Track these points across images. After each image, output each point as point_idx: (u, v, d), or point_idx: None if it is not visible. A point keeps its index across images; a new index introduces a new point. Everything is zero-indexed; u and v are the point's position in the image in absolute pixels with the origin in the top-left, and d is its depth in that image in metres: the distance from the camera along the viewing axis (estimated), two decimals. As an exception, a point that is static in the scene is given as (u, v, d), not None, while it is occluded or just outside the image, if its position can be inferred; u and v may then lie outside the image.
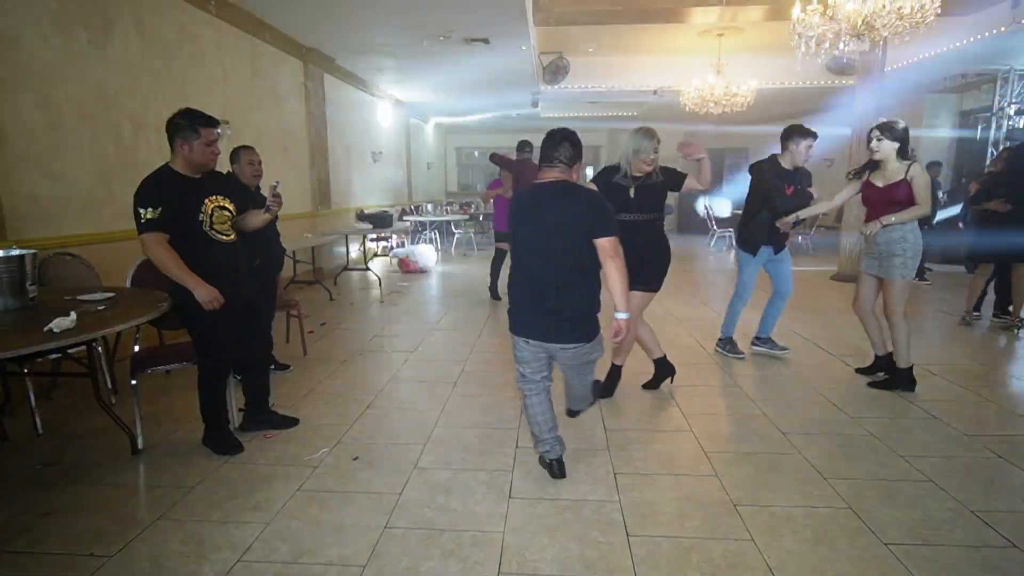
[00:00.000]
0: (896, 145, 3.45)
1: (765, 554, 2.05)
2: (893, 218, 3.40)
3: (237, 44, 6.02)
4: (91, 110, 4.11)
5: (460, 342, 4.82)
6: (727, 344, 4.43)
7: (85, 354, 2.82)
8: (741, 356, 4.34)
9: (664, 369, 3.66)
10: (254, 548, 2.09)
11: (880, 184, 3.51)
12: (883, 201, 3.48)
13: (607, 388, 3.50)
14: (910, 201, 3.40)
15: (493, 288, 6.53)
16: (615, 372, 3.56)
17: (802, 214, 3.96)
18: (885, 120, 3.54)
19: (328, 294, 6.74)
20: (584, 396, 2.71)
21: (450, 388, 3.73)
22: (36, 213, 3.71)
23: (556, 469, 2.58)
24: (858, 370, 3.97)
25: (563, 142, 2.39)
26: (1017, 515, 2.28)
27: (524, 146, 6.31)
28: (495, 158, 6.49)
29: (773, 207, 3.96)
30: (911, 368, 3.62)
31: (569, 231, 2.33)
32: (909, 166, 3.43)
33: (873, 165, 3.57)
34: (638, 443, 2.94)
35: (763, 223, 4.02)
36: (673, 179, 3.32)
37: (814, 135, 3.95)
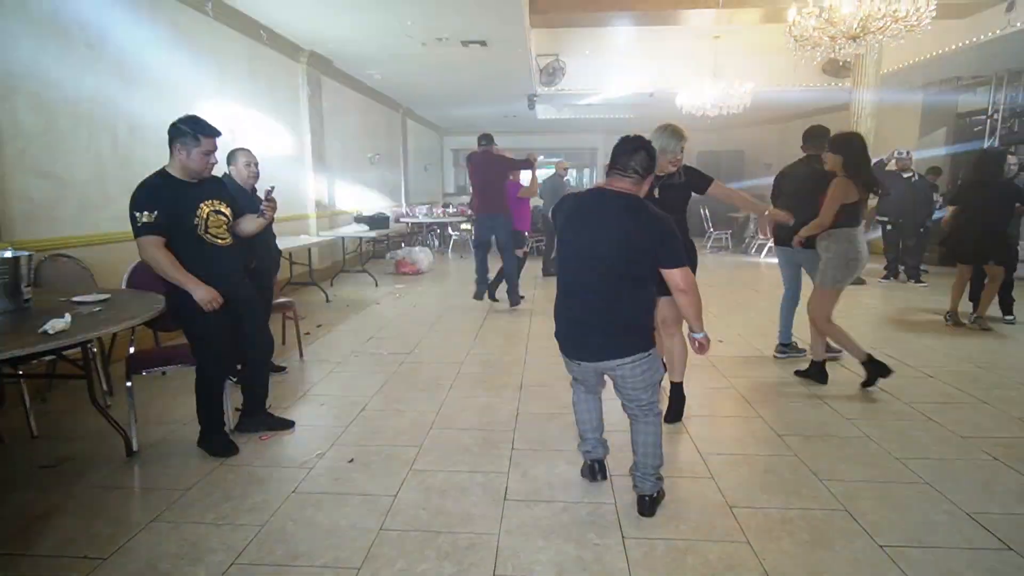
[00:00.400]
0: (840, 159, 3.54)
1: (761, 556, 2.05)
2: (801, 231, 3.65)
3: (234, 46, 6.02)
4: (87, 112, 4.10)
5: (456, 344, 4.81)
6: (785, 348, 4.38)
7: (80, 356, 2.82)
8: (801, 353, 4.28)
9: (678, 397, 3.28)
10: (249, 550, 2.09)
11: None
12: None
13: (674, 411, 3.21)
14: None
15: (512, 293, 6.14)
16: (676, 392, 3.24)
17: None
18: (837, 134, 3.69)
19: (324, 296, 6.73)
20: (648, 451, 2.32)
21: (446, 390, 3.73)
22: (31, 215, 3.70)
23: (593, 472, 2.53)
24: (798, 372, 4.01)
25: (639, 151, 2.19)
26: (1012, 518, 2.28)
27: (481, 139, 6.08)
28: (504, 161, 6.06)
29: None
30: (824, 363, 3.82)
31: (632, 252, 2.16)
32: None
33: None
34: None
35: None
36: (697, 181, 3.12)
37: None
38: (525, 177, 6.66)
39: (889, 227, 7.68)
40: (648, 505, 2.31)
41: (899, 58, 8.18)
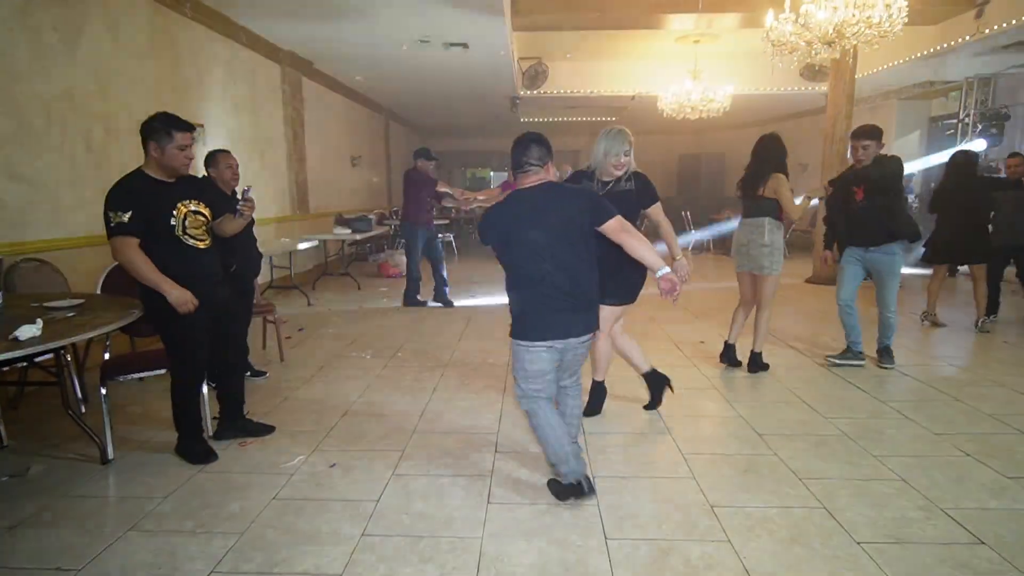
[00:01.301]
0: None
1: (741, 555, 2.07)
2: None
3: (213, 47, 5.95)
4: (60, 113, 4.02)
5: (439, 347, 4.80)
6: (846, 355, 4.25)
7: (53, 362, 2.76)
8: (861, 363, 4.20)
9: (657, 381, 3.39)
10: (228, 559, 2.05)
11: None
12: None
13: (593, 406, 3.32)
14: None
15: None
16: (598, 389, 3.36)
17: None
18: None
19: (306, 299, 6.67)
20: (578, 416, 2.66)
21: (429, 393, 3.71)
22: (2, 217, 3.61)
23: (586, 487, 2.39)
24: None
25: (531, 145, 2.40)
26: (985, 512, 2.33)
27: (419, 154, 6.40)
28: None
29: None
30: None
31: (575, 227, 2.35)
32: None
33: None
34: (616, 446, 2.96)
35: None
36: (645, 193, 3.06)
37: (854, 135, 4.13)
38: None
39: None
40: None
41: (874, 63, 8.34)
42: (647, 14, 6.88)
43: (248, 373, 3.72)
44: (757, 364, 4.11)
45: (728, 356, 4.27)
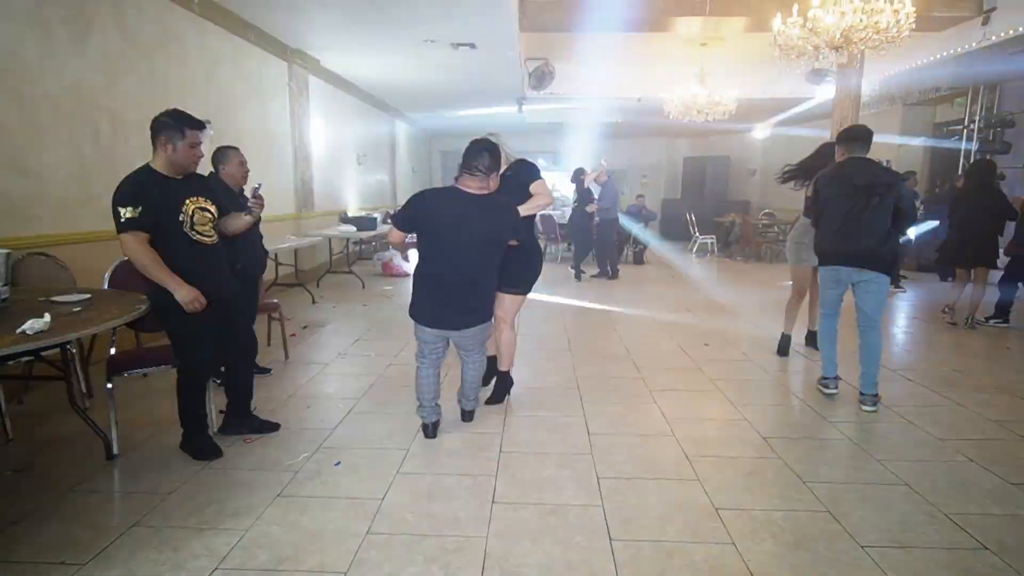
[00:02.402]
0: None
1: (746, 558, 2.07)
2: None
3: (221, 44, 5.96)
4: (69, 108, 4.03)
5: (443, 346, 4.79)
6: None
7: (59, 357, 2.76)
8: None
9: (504, 382, 3.56)
10: (232, 555, 2.06)
11: None
12: None
13: (497, 396, 3.51)
14: None
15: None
16: (503, 378, 3.54)
17: None
18: None
19: (311, 297, 6.68)
20: (475, 383, 3.17)
21: (433, 392, 3.71)
22: (9, 212, 3.63)
23: (430, 431, 3.02)
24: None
25: (483, 152, 2.71)
26: (989, 518, 2.33)
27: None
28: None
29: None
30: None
31: (489, 245, 2.78)
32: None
33: None
34: (621, 448, 2.96)
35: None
36: (526, 173, 3.32)
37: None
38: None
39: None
40: (468, 415, 3.23)
41: (880, 68, 8.33)
42: (654, 16, 6.88)
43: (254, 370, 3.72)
44: (815, 340, 4.30)
45: (784, 347, 4.56)
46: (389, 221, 2.60)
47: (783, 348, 4.58)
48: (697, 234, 11.89)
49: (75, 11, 4.07)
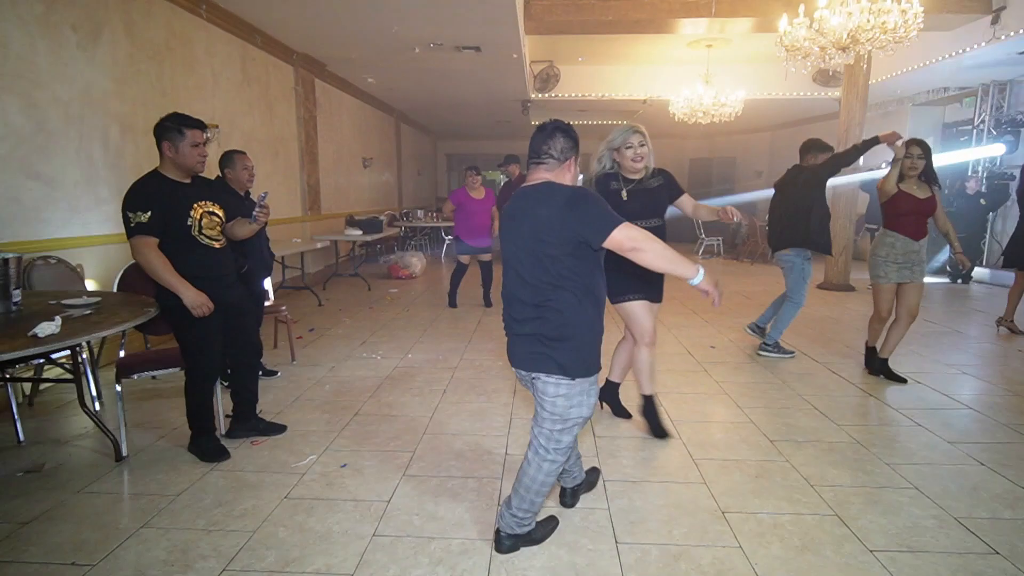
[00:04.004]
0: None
1: (752, 561, 2.06)
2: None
3: (228, 48, 6.01)
4: (78, 113, 4.07)
5: (449, 348, 4.81)
6: (776, 347, 4.58)
7: (69, 359, 2.79)
8: (791, 354, 4.56)
9: (649, 410, 3.13)
10: (240, 557, 2.07)
11: (921, 196, 3.82)
12: (925, 213, 3.84)
13: (656, 427, 3.07)
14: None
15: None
16: (650, 404, 3.10)
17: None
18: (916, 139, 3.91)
19: (317, 300, 6.71)
20: (531, 488, 2.03)
21: (439, 395, 3.72)
22: (20, 216, 3.67)
23: (567, 499, 2.39)
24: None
25: (555, 133, 2.02)
26: (999, 522, 2.31)
27: (514, 160, 6.48)
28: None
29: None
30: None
31: (544, 243, 1.89)
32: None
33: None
34: (627, 450, 2.95)
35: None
36: (672, 187, 2.98)
37: (830, 148, 4.41)
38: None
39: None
40: (503, 542, 2.09)
41: (888, 68, 8.29)
42: (659, 18, 6.88)
43: (260, 373, 3.74)
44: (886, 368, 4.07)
45: (869, 360, 4.24)
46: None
47: (868, 361, 4.22)
48: (703, 235, 11.85)
49: (85, 17, 4.11)
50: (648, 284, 2.93)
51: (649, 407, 3.14)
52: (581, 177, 2.43)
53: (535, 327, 1.95)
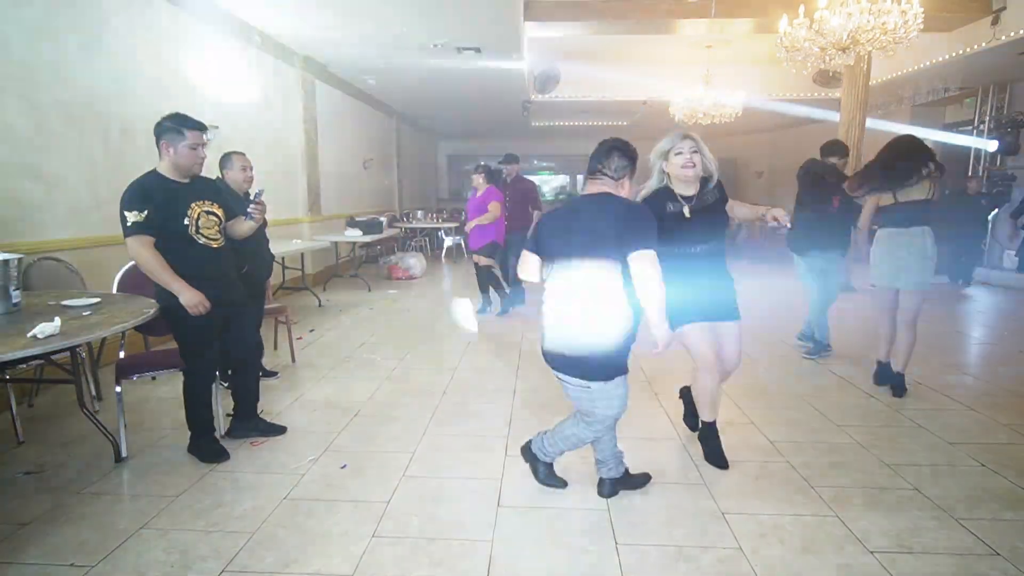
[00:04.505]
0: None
1: (753, 562, 2.05)
2: None
3: (230, 50, 6.01)
4: (79, 114, 4.08)
5: (450, 349, 4.81)
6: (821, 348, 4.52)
7: (69, 360, 2.79)
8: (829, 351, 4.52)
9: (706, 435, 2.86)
10: (240, 558, 2.07)
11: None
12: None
13: (713, 451, 2.79)
14: None
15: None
16: (708, 430, 2.83)
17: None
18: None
19: (317, 300, 6.71)
20: (559, 434, 2.40)
21: (439, 396, 3.72)
22: (21, 217, 3.67)
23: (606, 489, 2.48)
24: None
25: (611, 152, 2.11)
26: (1000, 523, 2.31)
27: (513, 159, 6.39)
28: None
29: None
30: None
31: (596, 248, 2.05)
32: None
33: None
34: (627, 451, 2.92)
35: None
36: (726, 195, 2.72)
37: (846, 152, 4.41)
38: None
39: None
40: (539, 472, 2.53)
41: (888, 69, 8.29)
42: (659, 19, 6.88)
43: (260, 373, 3.74)
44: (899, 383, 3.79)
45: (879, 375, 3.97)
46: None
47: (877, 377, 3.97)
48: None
49: (85, 18, 4.12)
50: (700, 304, 2.60)
51: (706, 433, 2.85)
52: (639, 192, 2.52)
53: (569, 333, 2.15)
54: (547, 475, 2.54)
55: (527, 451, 2.59)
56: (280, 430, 3.11)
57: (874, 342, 4.05)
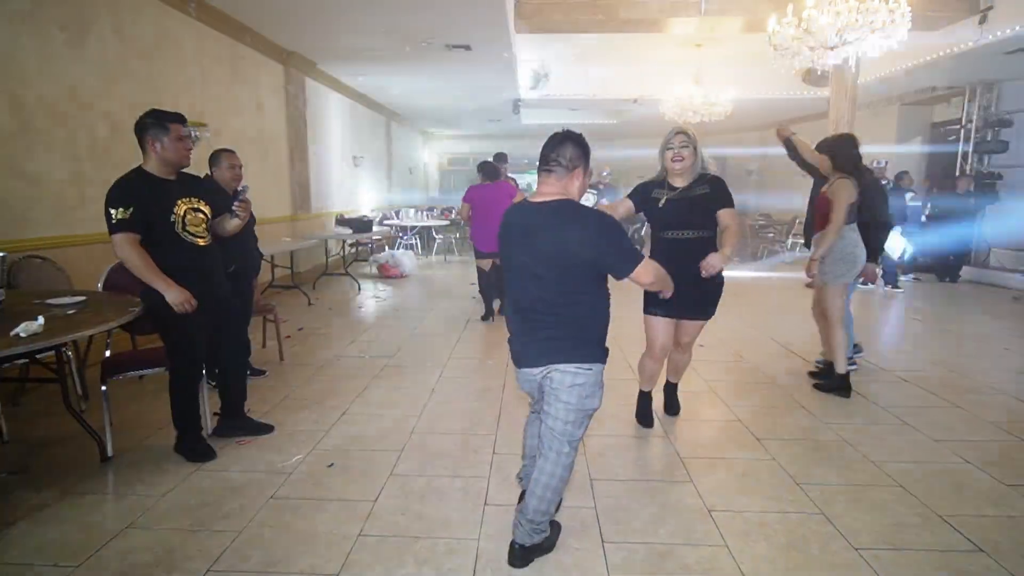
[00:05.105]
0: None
1: (739, 560, 2.07)
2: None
3: (217, 47, 5.96)
4: (65, 111, 4.03)
5: (439, 348, 4.80)
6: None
7: (54, 359, 2.76)
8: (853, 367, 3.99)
9: (641, 400, 3.29)
10: (225, 557, 2.06)
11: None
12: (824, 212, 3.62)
13: (641, 412, 3.27)
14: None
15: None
16: (643, 397, 3.28)
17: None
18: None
19: (306, 299, 6.68)
20: (544, 494, 1.99)
21: (428, 394, 3.72)
22: (5, 215, 3.63)
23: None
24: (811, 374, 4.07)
25: (565, 141, 1.99)
26: (983, 519, 2.33)
27: (503, 159, 6.16)
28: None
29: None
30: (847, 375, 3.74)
31: (571, 265, 1.92)
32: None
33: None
34: (614, 449, 2.96)
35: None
36: (719, 198, 2.77)
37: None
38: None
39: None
40: (517, 554, 2.03)
41: (876, 68, 8.33)
42: (650, 17, 6.88)
43: (248, 372, 3.72)
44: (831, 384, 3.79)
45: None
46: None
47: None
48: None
49: (72, 14, 4.07)
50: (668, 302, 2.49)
51: (641, 399, 3.32)
52: (595, 194, 2.45)
53: (552, 332, 1.98)
54: (554, 539, 2.14)
55: (521, 552, 2.04)
56: (267, 429, 3.09)
57: (865, 338, 4.08)
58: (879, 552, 2.11)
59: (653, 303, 2.90)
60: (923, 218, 8.51)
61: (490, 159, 5.99)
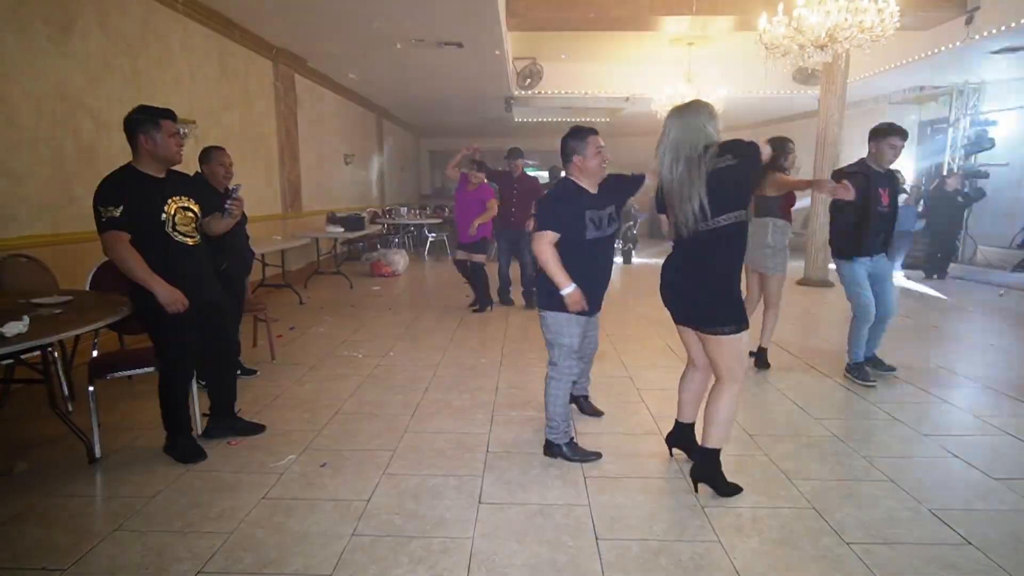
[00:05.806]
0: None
1: (731, 555, 2.07)
2: None
3: (205, 43, 5.90)
4: (50, 108, 3.97)
5: (432, 347, 4.78)
6: (856, 371, 3.92)
7: (40, 359, 2.72)
8: (872, 384, 3.81)
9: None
10: (216, 559, 2.04)
11: None
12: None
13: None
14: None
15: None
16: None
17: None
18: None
19: (298, 298, 6.64)
20: (548, 400, 2.84)
21: (421, 393, 3.70)
22: (-11, 213, 3.57)
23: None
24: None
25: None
26: (972, 513, 2.36)
27: (518, 154, 6.18)
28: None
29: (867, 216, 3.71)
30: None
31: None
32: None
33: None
34: (608, 446, 2.95)
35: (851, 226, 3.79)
36: (622, 185, 3.06)
37: (903, 133, 3.84)
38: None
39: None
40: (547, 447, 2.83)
41: (865, 67, 8.40)
42: (642, 15, 6.90)
43: (239, 372, 3.69)
44: (762, 361, 4.19)
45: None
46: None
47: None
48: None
49: (57, 10, 4.01)
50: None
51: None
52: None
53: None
54: (574, 451, 2.79)
55: (548, 448, 2.83)
56: (259, 429, 3.07)
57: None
58: (870, 546, 2.13)
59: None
60: (919, 222, 8.51)
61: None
